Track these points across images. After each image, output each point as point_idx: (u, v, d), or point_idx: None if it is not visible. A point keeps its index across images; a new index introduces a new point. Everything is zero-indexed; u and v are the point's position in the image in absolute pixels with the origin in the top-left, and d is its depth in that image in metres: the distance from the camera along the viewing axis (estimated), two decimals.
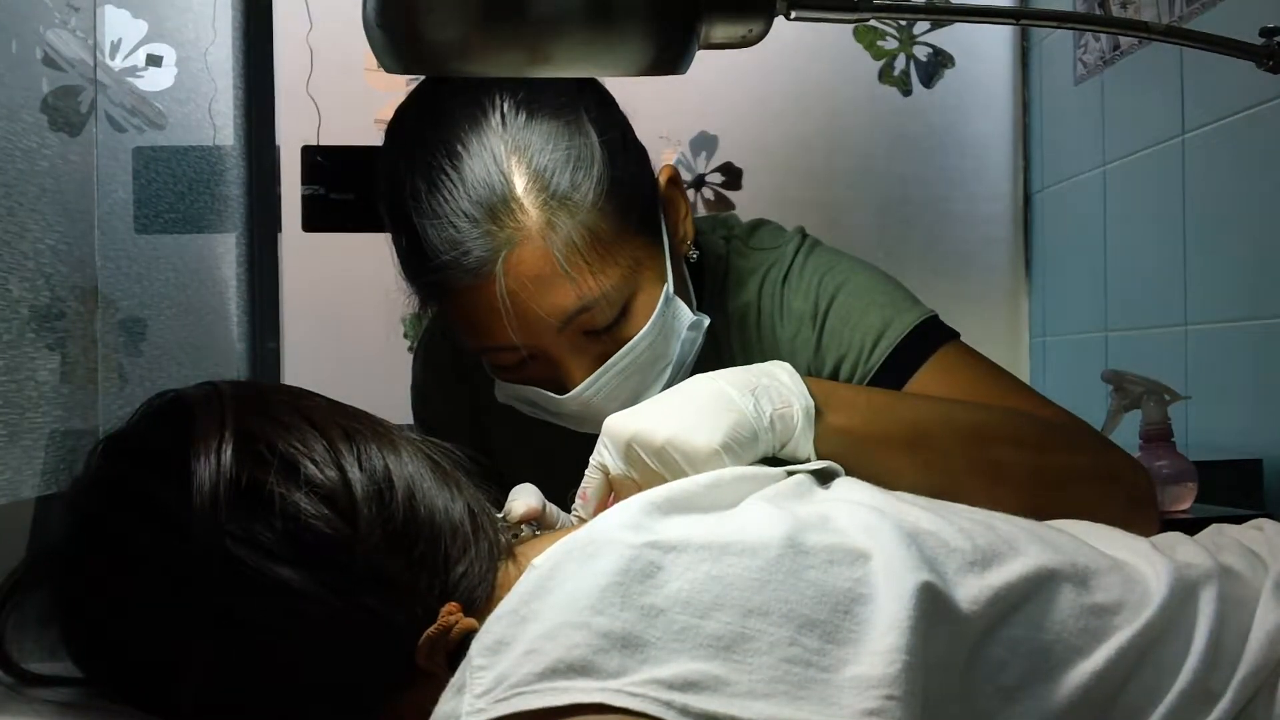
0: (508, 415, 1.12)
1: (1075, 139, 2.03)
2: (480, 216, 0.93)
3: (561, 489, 1.01)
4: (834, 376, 1.06)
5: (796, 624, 0.62)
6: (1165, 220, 1.69)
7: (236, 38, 1.76)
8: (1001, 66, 2.23)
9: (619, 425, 0.87)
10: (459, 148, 0.95)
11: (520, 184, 0.94)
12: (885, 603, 0.63)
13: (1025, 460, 0.93)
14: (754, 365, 0.91)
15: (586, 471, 0.89)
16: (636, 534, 0.66)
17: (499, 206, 0.93)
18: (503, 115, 0.96)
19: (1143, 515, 0.96)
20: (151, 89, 1.56)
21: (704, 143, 2.20)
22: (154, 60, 1.56)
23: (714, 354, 1.10)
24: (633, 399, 0.97)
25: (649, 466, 0.85)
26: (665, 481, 0.84)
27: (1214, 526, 0.86)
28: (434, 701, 0.65)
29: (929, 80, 2.22)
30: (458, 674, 0.64)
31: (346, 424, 0.76)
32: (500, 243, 0.93)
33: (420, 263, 0.97)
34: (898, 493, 0.79)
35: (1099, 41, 1.92)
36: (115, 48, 1.49)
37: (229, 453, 0.71)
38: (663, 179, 1.06)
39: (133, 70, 1.52)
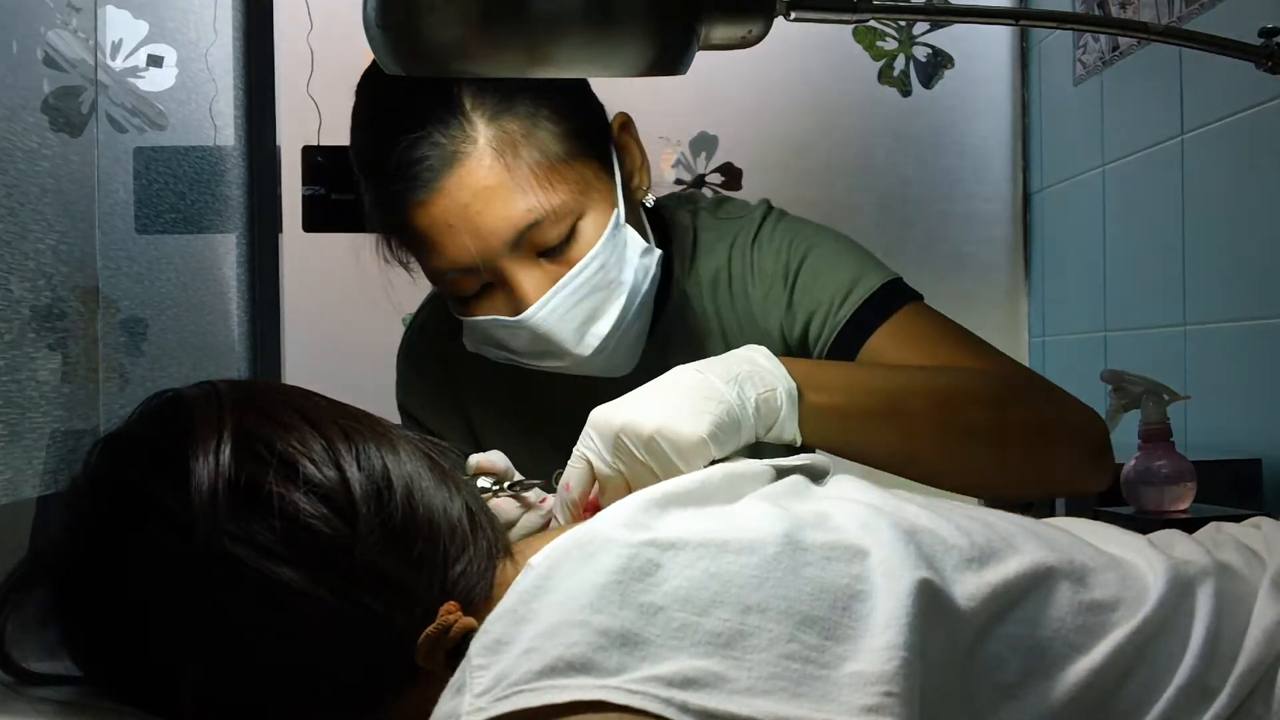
0: (490, 401, 1.16)
1: (1074, 139, 2.03)
2: (432, 130, 1.00)
3: (546, 471, 1.04)
4: (804, 332, 1.11)
5: (795, 621, 0.62)
6: (1164, 220, 1.69)
7: (237, 38, 1.77)
8: (1001, 67, 2.23)
9: (606, 416, 0.88)
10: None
11: (470, 100, 1.00)
12: (884, 599, 0.63)
13: (993, 419, 0.98)
14: (733, 352, 0.93)
15: (570, 461, 0.90)
16: (635, 532, 0.66)
17: (450, 121, 1.00)
18: None
19: (1101, 463, 1.01)
20: (152, 89, 1.56)
21: (704, 143, 2.20)
22: (155, 61, 1.56)
23: (689, 319, 1.14)
24: (587, 322, 1.02)
25: (636, 457, 0.86)
26: (651, 472, 0.85)
27: (1212, 524, 0.87)
28: (433, 700, 0.65)
29: (928, 81, 2.22)
30: (457, 674, 0.64)
31: (345, 423, 0.76)
32: (451, 155, 0.99)
33: (379, 183, 1.04)
34: (895, 490, 0.79)
35: (1098, 42, 1.93)
36: (116, 48, 1.49)
37: (227, 452, 0.71)
38: (616, 123, 1.11)
39: (134, 71, 1.52)
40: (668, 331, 1.15)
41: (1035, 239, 2.23)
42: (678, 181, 2.18)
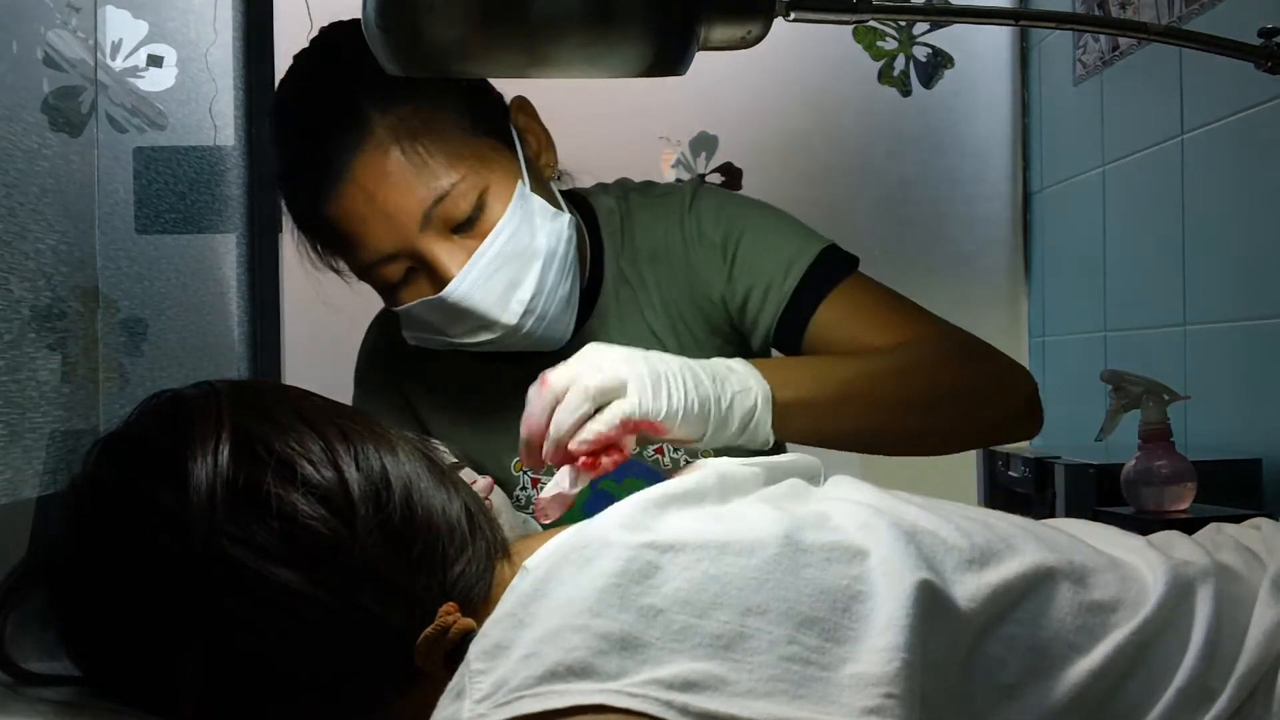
0: (442, 404, 1.21)
1: (1074, 139, 2.03)
2: (332, 130, 1.05)
3: (501, 463, 1.15)
4: (744, 301, 1.17)
5: (795, 622, 0.62)
6: (1164, 220, 1.70)
7: (237, 38, 1.77)
8: (1001, 67, 2.23)
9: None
10: (313, 80, 1.10)
11: (363, 97, 1.05)
12: (884, 600, 0.63)
13: (940, 389, 1.06)
14: (711, 360, 0.98)
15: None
16: (633, 534, 0.66)
17: (347, 119, 1.05)
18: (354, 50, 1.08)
19: (1032, 414, 1.11)
20: (152, 89, 1.56)
21: (704, 143, 2.20)
22: (155, 60, 1.57)
23: (625, 294, 1.19)
24: (509, 289, 1.07)
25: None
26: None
27: (1212, 525, 0.86)
28: (433, 702, 0.65)
29: (928, 81, 2.22)
30: (456, 678, 0.64)
31: (344, 424, 0.76)
32: (351, 148, 1.04)
33: (293, 190, 1.11)
34: (895, 491, 0.79)
35: (1098, 42, 1.93)
36: (116, 48, 1.49)
37: (226, 453, 0.71)
38: (513, 106, 1.16)
39: (133, 70, 1.53)
40: (605, 307, 1.20)
41: (1035, 239, 2.23)
42: (678, 181, 2.18)
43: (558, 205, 1.14)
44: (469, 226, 1.07)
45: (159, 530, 0.70)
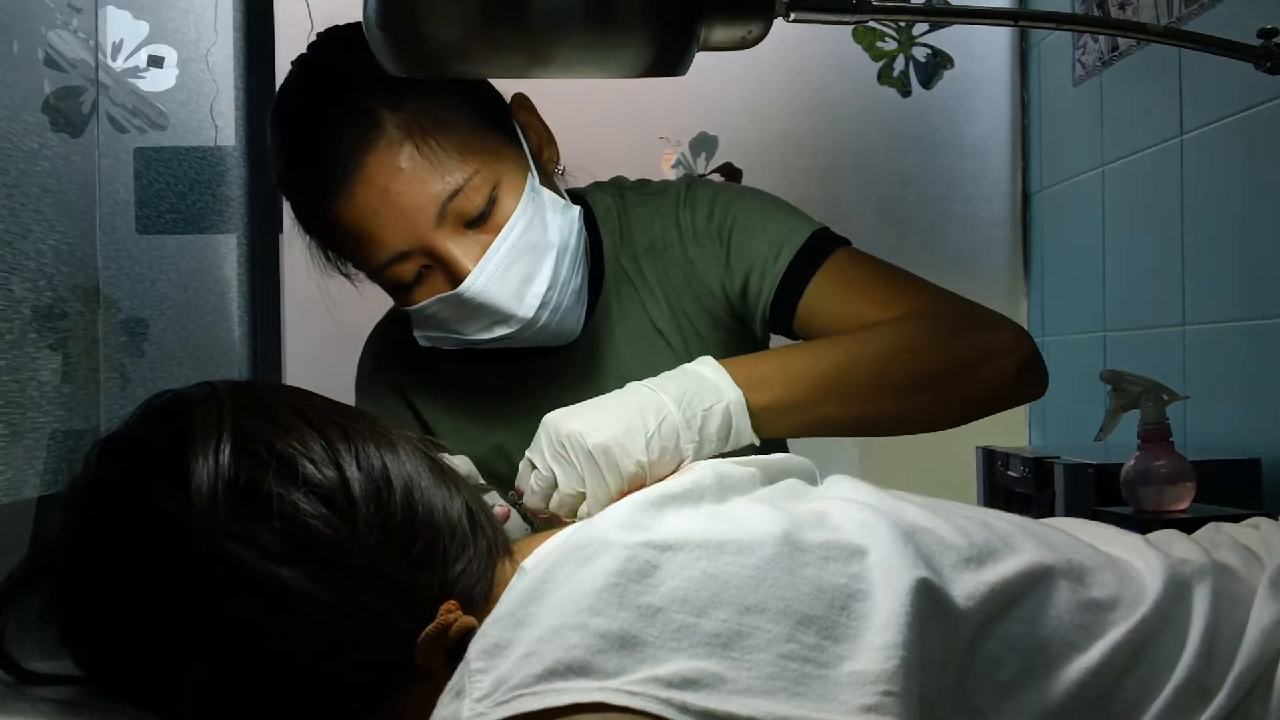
0: (448, 408, 1.21)
1: (1074, 140, 2.03)
2: (340, 128, 1.04)
3: (511, 461, 1.12)
4: (744, 286, 1.16)
5: (793, 621, 0.62)
6: (1163, 221, 1.70)
7: (238, 39, 1.77)
8: (1000, 67, 2.23)
9: (558, 420, 0.94)
10: (318, 81, 1.08)
11: (369, 96, 1.04)
12: (882, 599, 0.63)
13: (928, 367, 1.05)
14: (684, 368, 0.99)
15: (520, 464, 0.96)
16: (632, 533, 0.66)
17: (355, 117, 1.04)
18: (357, 51, 1.07)
19: (1033, 376, 1.09)
20: (153, 90, 1.56)
21: (704, 143, 2.20)
22: (155, 61, 1.57)
23: (626, 290, 1.19)
24: (525, 283, 1.06)
25: (574, 465, 0.91)
26: (583, 481, 0.91)
27: (1211, 525, 0.87)
28: (433, 699, 0.65)
29: (928, 81, 2.22)
30: (455, 677, 0.64)
31: (344, 423, 0.76)
32: (362, 144, 1.03)
33: (301, 189, 1.09)
34: (894, 491, 0.79)
35: (1097, 43, 1.93)
36: (117, 49, 1.49)
37: (227, 452, 0.71)
38: (514, 103, 1.16)
39: (134, 71, 1.53)
40: (608, 304, 1.20)
41: (1035, 239, 2.23)
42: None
43: (564, 199, 1.14)
44: (482, 221, 1.06)
45: (160, 530, 0.70)
